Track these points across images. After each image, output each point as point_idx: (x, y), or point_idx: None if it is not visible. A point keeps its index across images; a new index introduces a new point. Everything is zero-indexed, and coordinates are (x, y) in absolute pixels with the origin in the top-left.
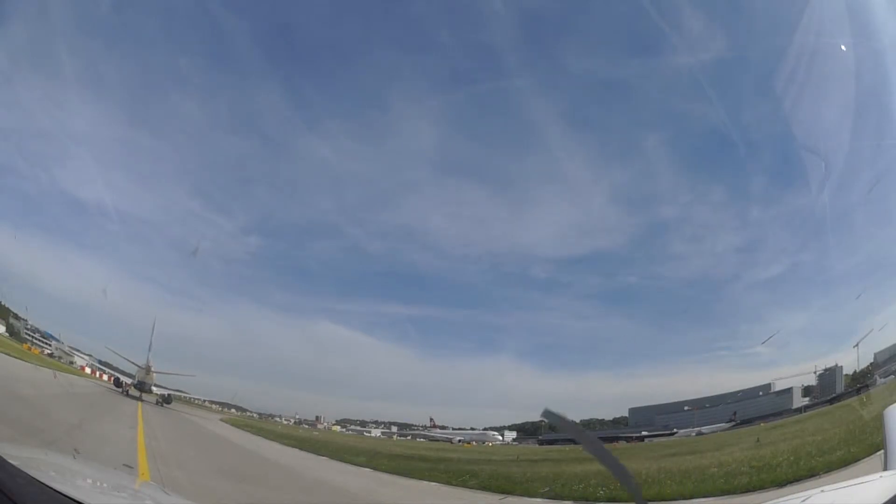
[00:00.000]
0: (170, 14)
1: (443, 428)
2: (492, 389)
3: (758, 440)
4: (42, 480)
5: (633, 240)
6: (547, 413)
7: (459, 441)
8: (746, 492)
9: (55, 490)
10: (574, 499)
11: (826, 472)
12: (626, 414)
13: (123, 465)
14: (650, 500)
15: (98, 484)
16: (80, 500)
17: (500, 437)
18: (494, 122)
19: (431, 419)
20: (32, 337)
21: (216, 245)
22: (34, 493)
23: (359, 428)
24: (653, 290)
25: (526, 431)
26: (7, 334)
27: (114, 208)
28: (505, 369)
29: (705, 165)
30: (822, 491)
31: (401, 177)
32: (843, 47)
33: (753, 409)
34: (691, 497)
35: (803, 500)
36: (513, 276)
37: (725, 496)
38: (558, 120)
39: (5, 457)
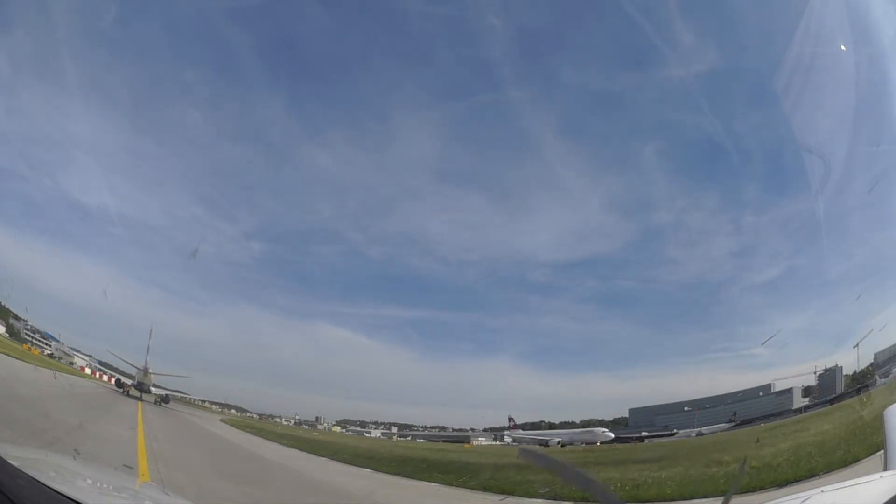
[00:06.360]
0: (176, 25)
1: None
2: (492, 391)
3: (758, 440)
4: (42, 481)
5: (632, 244)
6: (524, 453)
7: (558, 442)
8: (746, 492)
9: (55, 491)
10: (574, 499)
11: (826, 472)
12: (627, 415)
13: (123, 465)
14: (650, 501)
15: (98, 485)
16: (80, 501)
17: (612, 434)
18: (493, 132)
19: (511, 419)
20: (32, 337)
21: (220, 249)
22: (34, 493)
23: (359, 429)
24: (652, 293)
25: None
26: (7, 335)
27: (117, 213)
28: (505, 371)
29: (706, 170)
30: (823, 491)
31: (401, 184)
32: (842, 47)
33: (754, 409)
34: (691, 497)
35: (803, 501)
36: (512, 279)
37: (726, 496)
38: (556, 129)
39: (5, 457)
